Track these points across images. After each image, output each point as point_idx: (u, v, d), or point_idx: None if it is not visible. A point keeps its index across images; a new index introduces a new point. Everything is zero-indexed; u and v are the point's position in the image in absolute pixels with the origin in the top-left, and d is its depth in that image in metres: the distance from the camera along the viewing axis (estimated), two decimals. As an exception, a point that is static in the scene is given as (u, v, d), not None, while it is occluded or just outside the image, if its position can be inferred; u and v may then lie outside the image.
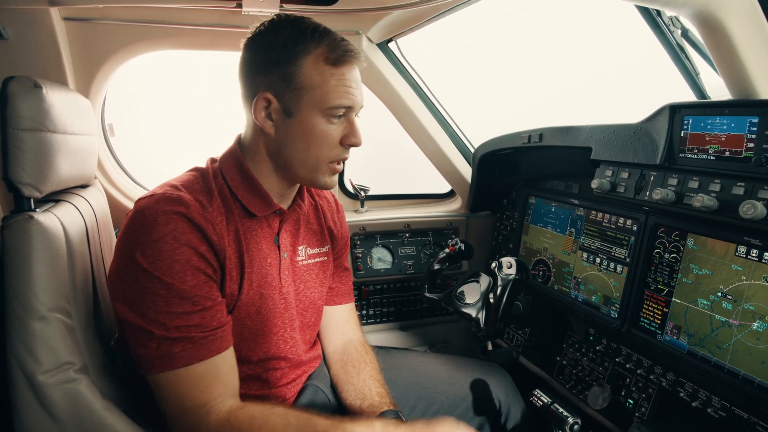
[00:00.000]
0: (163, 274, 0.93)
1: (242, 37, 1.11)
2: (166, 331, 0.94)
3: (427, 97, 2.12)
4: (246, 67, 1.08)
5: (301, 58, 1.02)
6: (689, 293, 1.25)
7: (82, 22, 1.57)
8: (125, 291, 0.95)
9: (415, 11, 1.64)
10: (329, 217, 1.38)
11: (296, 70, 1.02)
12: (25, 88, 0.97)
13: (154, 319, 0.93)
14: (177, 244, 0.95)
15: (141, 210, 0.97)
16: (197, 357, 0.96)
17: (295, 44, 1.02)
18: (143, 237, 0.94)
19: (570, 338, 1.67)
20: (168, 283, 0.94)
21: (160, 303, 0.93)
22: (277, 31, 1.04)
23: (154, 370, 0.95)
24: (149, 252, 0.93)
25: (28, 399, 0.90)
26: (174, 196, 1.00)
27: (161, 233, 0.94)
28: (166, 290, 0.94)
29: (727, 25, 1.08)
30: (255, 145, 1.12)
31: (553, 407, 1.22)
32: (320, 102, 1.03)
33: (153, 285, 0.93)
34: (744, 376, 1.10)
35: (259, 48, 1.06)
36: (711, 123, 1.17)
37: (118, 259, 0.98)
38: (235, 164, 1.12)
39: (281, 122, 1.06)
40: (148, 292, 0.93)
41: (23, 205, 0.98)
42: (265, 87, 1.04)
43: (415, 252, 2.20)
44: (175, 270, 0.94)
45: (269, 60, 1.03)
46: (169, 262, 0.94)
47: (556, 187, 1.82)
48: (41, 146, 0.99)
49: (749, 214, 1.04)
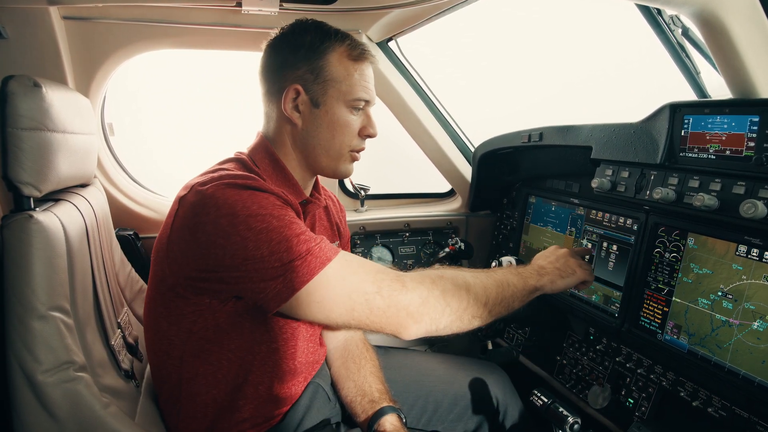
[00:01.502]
0: (269, 210, 0.96)
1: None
2: (290, 253, 0.94)
3: (427, 96, 2.12)
4: (271, 65, 1.15)
5: (328, 53, 1.12)
6: (689, 292, 1.24)
7: (82, 21, 1.57)
8: (235, 253, 0.93)
9: (415, 10, 1.64)
10: (335, 214, 1.42)
11: (323, 64, 1.11)
12: (25, 87, 0.97)
13: (276, 249, 0.93)
14: (267, 194, 0.99)
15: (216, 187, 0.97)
16: (329, 257, 0.98)
17: (322, 42, 1.12)
18: (235, 199, 0.95)
19: (570, 337, 1.67)
20: (277, 215, 0.96)
21: (276, 234, 0.94)
22: (303, 33, 1.13)
23: (300, 286, 0.94)
24: (249, 203, 0.95)
25: (28, 398, 0.90)
26: (241, 174, 1.03)
27: (250, 192, 0.97)
28: (278, 221, 0.95)
29: (728, 24, 1.08)
30: (281, 137, 1.18)
31: (553, 406, 1.22)
32: (345, 94, 1.13)
33: (264, 222, 0.94)
34: (744, 375, 1.09)
35: (284, 47, 1.14)
36: (711, 122, 1.17)
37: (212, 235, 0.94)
38: (267, 155, 1.17)
39: (308, 113, 1.14)
40: (263, 231, 0.93)
41: (23, 205, 0.97)
42: (294, 80, 1.12)
43: (415, 251, 2.20)
44: (278, 207, 0.98)
45: (297, 56, 1.12)
46: (268, 203, 0.97)
47: (557, 186, 1.81)
48: (41, 145, 0.99)
49: (750, 213, 1.03)
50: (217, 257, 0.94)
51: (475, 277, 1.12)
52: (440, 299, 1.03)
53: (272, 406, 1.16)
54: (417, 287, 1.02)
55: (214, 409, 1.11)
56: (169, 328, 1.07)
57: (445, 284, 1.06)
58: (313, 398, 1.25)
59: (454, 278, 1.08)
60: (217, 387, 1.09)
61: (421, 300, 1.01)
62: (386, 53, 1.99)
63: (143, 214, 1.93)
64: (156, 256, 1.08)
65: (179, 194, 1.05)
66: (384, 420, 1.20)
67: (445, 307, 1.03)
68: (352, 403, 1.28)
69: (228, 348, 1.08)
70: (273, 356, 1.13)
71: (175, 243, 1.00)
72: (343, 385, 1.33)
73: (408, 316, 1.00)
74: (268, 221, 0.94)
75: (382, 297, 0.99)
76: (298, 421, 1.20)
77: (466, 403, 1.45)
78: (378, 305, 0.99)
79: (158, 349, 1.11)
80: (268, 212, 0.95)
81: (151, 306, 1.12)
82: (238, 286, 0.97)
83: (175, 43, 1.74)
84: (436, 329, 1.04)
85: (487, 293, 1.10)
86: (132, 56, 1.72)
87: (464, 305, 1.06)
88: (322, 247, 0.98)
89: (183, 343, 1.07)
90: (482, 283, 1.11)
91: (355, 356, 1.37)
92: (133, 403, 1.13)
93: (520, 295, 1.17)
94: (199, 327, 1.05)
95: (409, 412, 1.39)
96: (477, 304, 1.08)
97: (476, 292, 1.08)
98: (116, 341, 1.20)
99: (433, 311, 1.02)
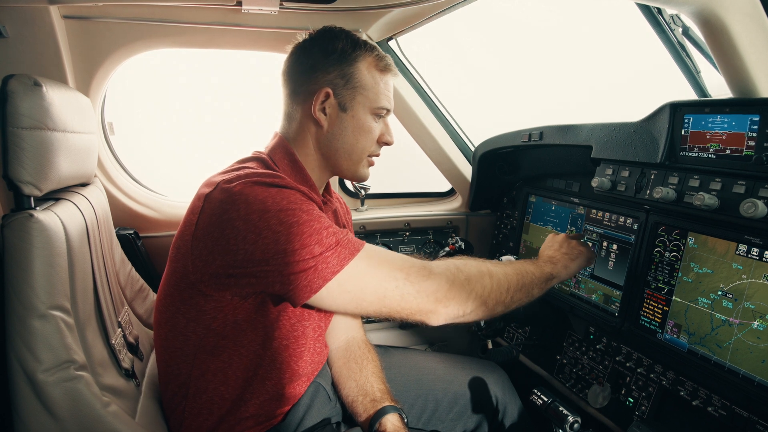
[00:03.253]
0: (298, 205, 0.97)
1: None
2: (321, 245, 0.96)
3: (428, 95, 2.12)
4: (300, 67, 1.17)
5: (359, 61, 1.16)
6: (690, 292, 1.24)
7: (82, 20, 1.57)
8: (266, 247, 0.95)
9: (415, 9, 1.64)
10: (342, 215, 1.43)
11: (354, 71, 1.15)
12: (25, 87, 0.97)
13: (307, 242, 0.96)
14: (293, 191, 1.01)
15: (245, 184, 0.98)
16: (357, 248, 1.02)
17: (354, 50, 1.15)
18: (264, 195, 0.96)
19: (570, 337, 1.67)
20: (306, 209, 0.98)
21: (307, 228, 0.96)
22: (334, 38, 1.16)
23: (331, 276, 0.97)
24: (278, 198, 0.96)
25: (29, 397, 0.90)
26: (268, 172, 1.05)
27: (278, 189, 0.99)
28: (307, 215, 0.97)
29: (728, 24, 1.08)
30: (303, 138, 1.20)
31: (553, 406, 1.22)
32: (372, 101, 1.17)
33: (295, 217, 0.96)
34: (744, 374, 1.10)
35: (315, 50, 1.16)
36: (712, 121, 1.17)
37: (242, 231, 0.95)
38: (286, 155, 1.18)
39: (335, 116, 1.17)
40: (294, 225, 0.95)
41: (23, 204, 0.97)
42: (325, 83, 1.15)
43: (415, 250, 2.21)
44: (305, 202, 1.00)
45: (329, 61, 1.14)
46: (296, 198, 0.99)
47: (557, 185, 1.81)
48: (41, 144, 0.99)
49: (750, 212, 1.03)
50: (247, 252, 0.95)
51: (496, 265, 1.18)
52: (465, 285, 1.08)
53: (276, 404, 1.16)
54: (443, 273, 1.07)
55: (220, 407, 1.11)
56: (187, 324, 1.08)
57: (470, 270, 1.11)
58: (314, 397, 1.25)
59: (478, 266, 1.14)
60: (225, 384, 1.10)
61: (449, 285, 1.06)
62: (387, 52, 1.99)
63: (143, 214, 1.93)
64: (176, 253, 1.08)
65: (203, 191, 1.05)
66: (385, 419, 1.21)
67: (470, 291, 1.08)
68: (354, 403, 1.29)
69: (241, 344, 1.09)
70: (282, 355, 1.14)
71: (200, 240, 1.00)
72: (344, 384, 1.33)
73: (437, 301, 1.05)
74: (299, 215, 0.96)
75: (411, 283, 1.03)
76: (299, 420, 1.20)
77: (465, 402, 1.45)
78: (408, 291, 1.03)
79: (170, 346, 1.12)
80: (297, 207, 0.97)
81: (167, 302, 1.12)
82: (268, 279, 0.98)
83: (176, 43, 1.74)
84: (463, 314, 1.09)
85: (509, 280, 1.16)
86: (132, 55, 1.72)
87: (488, 291, 1.11)
88: (350, 239, 1.02)
89: (200, 340, 1.08)
90: (503, 270, 1.17)
91: (357, 356, 1.37)
92: (134, 402, 1.13)
93: (538, 282, 1.23)
94: (218, 323, 1.06)
95: (409, 411, 1.40)
96: (500, 289, 1.13)
97: (499, 279, 1.14)
98: (117, 340, 1.20)
99: (459, 296, 1.07)
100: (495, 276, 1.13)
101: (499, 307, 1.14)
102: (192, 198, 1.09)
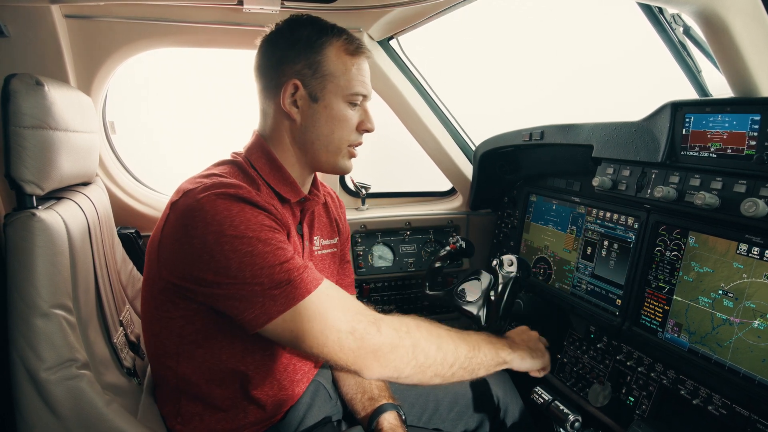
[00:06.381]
0: (256, 234, 0.95)
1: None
2: (271, 281, 0.94)
3: (428, 94, 2.12)
4: (268, 61, 1.14)
5: (326, 48, 1.11)
6: (690, 291, 1.25)
7: (84, 19, 1.57)
8: (218, 271, 0.94)
9: (416, 9, 1.64)
10: (334, 210, 1.42)
11: (321, 59, 1.10)
12: (27, 86, 0.97)
13: (258, 274, 0.93)
14: (257, 211, 0.98)
15: (207, 197, 0.96)
16: (309, 289, 0.98)
17: (319, 37, 1.11)
18: (224, 215, 0.94)
19: (571, 336, 1.67)
20: (264, 238, 0.96)
21: (259, 260, 0.94)
22: (299, 28, 1.12)
23: (276, 315, 0.95)
24: (237, 222, 0.94)
25: (31, 395, 0.90)
26: (233, 182, 1.01)
27: (240, 207, 0.96)
28: (263, 245, 0.95)
29: (729, 23, 1.08)
30: (279, 134, 1.17)
31: (553, 405, 1.22)
32: (344, 88, 1.12)
33: (250, 246, 0.94)
34: (745, 373, 1.10)
35: (281, 42, 1.13)
36: (713, 121, 1.17)
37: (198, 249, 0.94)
38: (263, 154, 1.16)
39: (307, 108, 1.13)
40: (247, 255, 0.93)
41: (25, 203, 0.98)
42: (292, 75, 1.11)
43: (416, 250, 2.21)
44: (266, 229, 0.98)
45: (295, 51, 1.11)
46: (257, 223, 0.96)
47: (558, 184, 1.81)
48: (43, 144, 0.99)
49: (750, 211, 1.03)
50: (201, 270, 0.95)
51: (450, 336, 1.15)
52: (409, 351, 1.06)
53: (276, 404, 1.16)
54: (390, 334, 1.04)
55: (214, 410, 1.11)
56: (161, 331, 1.07)
57: (418, 337, 1.08)
58: (314, 396, 1.25)
59: (429, 334, 1.11)
60: (215, 389, 1.09)
61: (391, 348, 1.04)
62: (387, 52, 1.99)
63: (144, 213, 1.93)
64: (148, 258, 1.08)
65: (172, 199, 1.04)
66: (382, 417, 1.21)
67: (412, 359, 1.06)
68: (353, 401, 1.29)
69: (222, 352, 1.08)
70: (271, 359, 1.14)
71: (165, 248, 1.00)
72: (343, 382, 1.33)
73: (375, 359, 1.03)
74: (254, 245, 0.94)
75: (354, 338, 1.01)
76: (300, 419, 1.20)
77: (466, 402, 1.45)
78: (349, 345, 1.00)
79: (155, 351, 1.12)
80: (255, 235, 0.95)
81: (145, 308, 1.12)
82: (219, 302, 0.97)
83: (177, 42, 1.74)
84: (398, 377, 1.08)
85: (457, 356, 1.13)
86: (133, 54, 1.72)
87: (429, 362, 1.09)
88: (303, 278, 0.98)
89: (176, 346, 1.07)
90: (454, 345, 1.14)
91: None
92: (135, 400, 1.14)
93: (487, 365, 1.21)
94: (188, 331, 1.05)
95: (409, 411, 1.40)
96: (443, 364, 1.11)
97: (445, 353, 1.11)
98: (118, 339, 1.21)
99: (399, 361, 1.05)
100: (443, 349, 1.11)
101: (437, 380, 1.11)
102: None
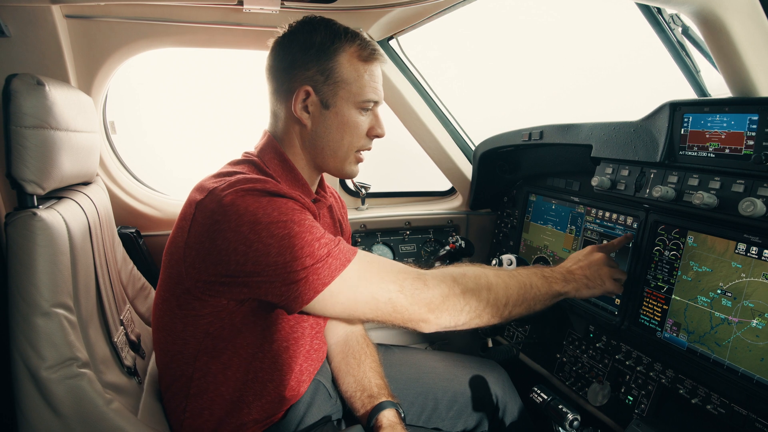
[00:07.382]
0: (290, 216, 0.96)
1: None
2: (312, 257, 0.96)
3: (428, 94, 2.12)
4: (280, 63, 1.14)
5: (339, 54, 1.10)
6: (689, 290, 1.25)
7: (84, 19, 1.58)
8: (257, 259, 0.94)
9: (416, 9, 1.65)
10: (337, 210, 1.42)
11: (334, 65, 1.10)
12: (28, 86, 0.97)
13: (299, 254, 0.95)
14: (285, 199, 1.00)
15: (235, 192, 0.97)
16: (349, 258, 1.00)
17: (332, 42, 1.10)
18: (255, 206, 0.95)
19: (570, 335, 1.68)
20: (297, 220, 0.97)
21: (298, 240, 0.95)
22: (312, 31, 1.11)
23: (321, 288, 0.96)
24: (269, 209, 0.95)
25: (32, 394, 0.91)
26: (258, 177, 1.02)
27: (269, 198, 0.97)
28: (299, 227, 0.96)
29: (728, 23, 1.08)
30: (289, 137, 1.17)
31: (552, 404, 1.22)
32: (355, 95, 1.12)
33: (287, 229, 0.95)
34: (743, 372, 1.10)
35: (294, 46, 1.12)
36: (711, 121, 1.18)
37: (233, 242, 0.94)
38: (276, 155, 1.16)
39: (318, 114, 1.13)
40: (285, 237, 0.94)
41: (26, 202, 0.98)
42: (304, 81, 1.11)
43: (415, 249, 2.21)
44: (297, 211, 0.99)
45: (308, 56, 1.10)
46: (288, 209, 0.97)
47: (557, 184, 1.82)
48: (44, 143, 1.00)
49: (749, 211, 1.04)
50: (238, 263, 0.95)
51: (498, 276, 1.15)
52: (460, 298, 1.07)
53: (277, 403, 1.17)
54: (438, 285, 1.05)
55: (221, 406, 1.12)
56: (184, 329, 1.08)
57: (467, 283, 1.09)
58: (314, 395, 1.26)
59: (477, 277, 1.11)
60: (226, 384, 1.11)
61: (442, 298, 1.05)
62: (387, 52, 1.99)
63: (145, 212, 1.94)
64: (170, 258, 1.07)
65: (194, 197, 1.03)
66: (381, 415, 1.21)
67: (465, 305, 1.07)
68: (352, 398, 1.29)
69: (241, 345, 1.09)
70: (281, 355, 1.14)
71: (192, 248, 1.00)
72: (343, 380, 1.34)
73: (429, 312, 1.04)
74: (290, 227, 0.95)
75: (405, 295, 1.02)
76: (300, 418, 1.21)
77: (465, 401, 1.45)
78: (401, 303, 1.02)
79: (170, 349, 1.12)
80: (288, 218, 0.96)
81: (164, 307, 1.12)
82: (260, 289, 0.98)
83: (177, 42, 1.74)
84: (455, 325, 1.09)
85: (508, 294, 1.13)
86: (134, 55, 1.72)
87: (483, 305, 1.09)
88: (341, 249, 1.01)
89: (198, 343, 1.08)
90: (504, 283, 1.14)
91: (356, 351, 1.38)
92: (136, 399, 1.14)
93: (542, 299, 1.19)
94: (215, 327, 1.06)
95: (409, 410, 1.40)
96: (496, 304, 1.11)
97: (497, 293, 1.11)
98: (119, 338, 1.21)
99: (453, 309, 1.06)
100: (494, 290, 1.11)
101: (495, 320, 1.12)
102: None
